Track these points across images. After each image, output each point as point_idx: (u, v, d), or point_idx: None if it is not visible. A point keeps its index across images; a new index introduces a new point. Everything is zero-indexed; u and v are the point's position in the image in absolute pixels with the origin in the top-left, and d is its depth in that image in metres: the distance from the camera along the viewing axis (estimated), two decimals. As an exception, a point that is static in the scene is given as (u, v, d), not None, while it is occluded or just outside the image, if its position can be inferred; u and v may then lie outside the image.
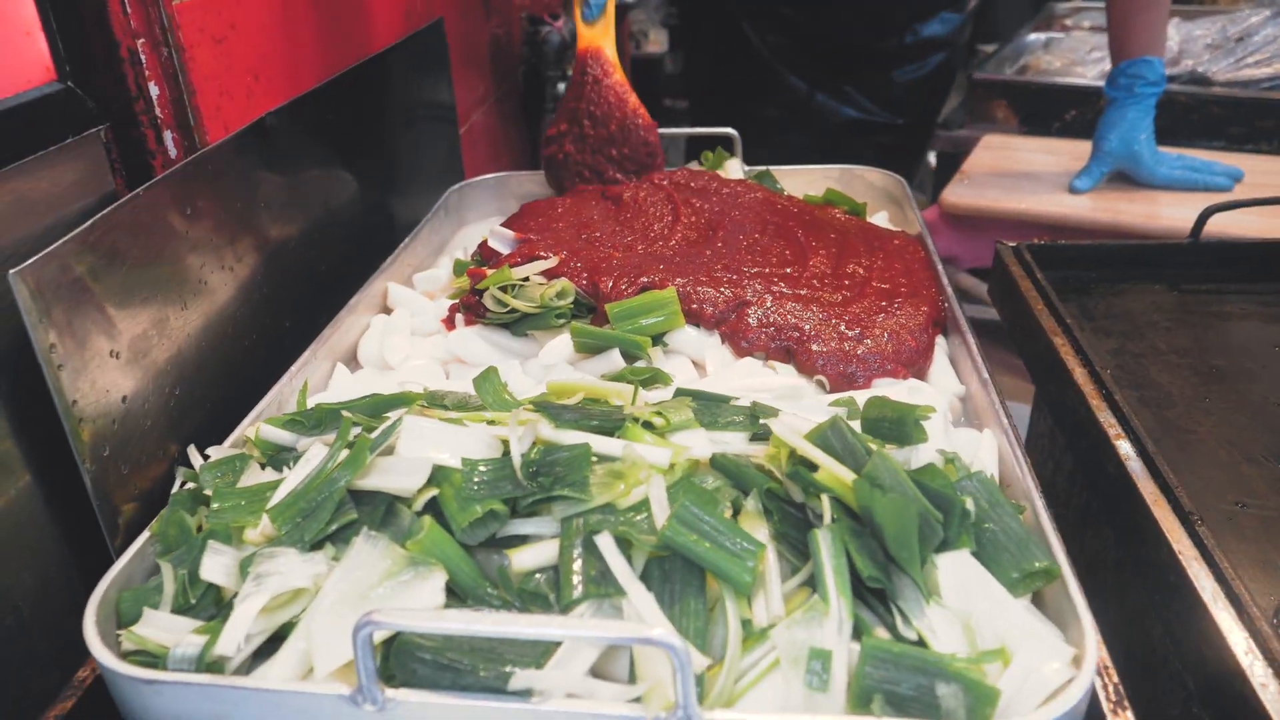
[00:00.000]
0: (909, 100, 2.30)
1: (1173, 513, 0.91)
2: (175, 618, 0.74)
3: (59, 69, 0.86)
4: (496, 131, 2.48)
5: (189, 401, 1.03)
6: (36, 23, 0.83)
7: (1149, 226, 1.80)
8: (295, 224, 1.29)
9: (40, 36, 0.83)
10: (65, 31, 0.86)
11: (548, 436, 0.81)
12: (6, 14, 0.80)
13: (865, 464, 0.75)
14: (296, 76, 1.30)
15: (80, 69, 0.89)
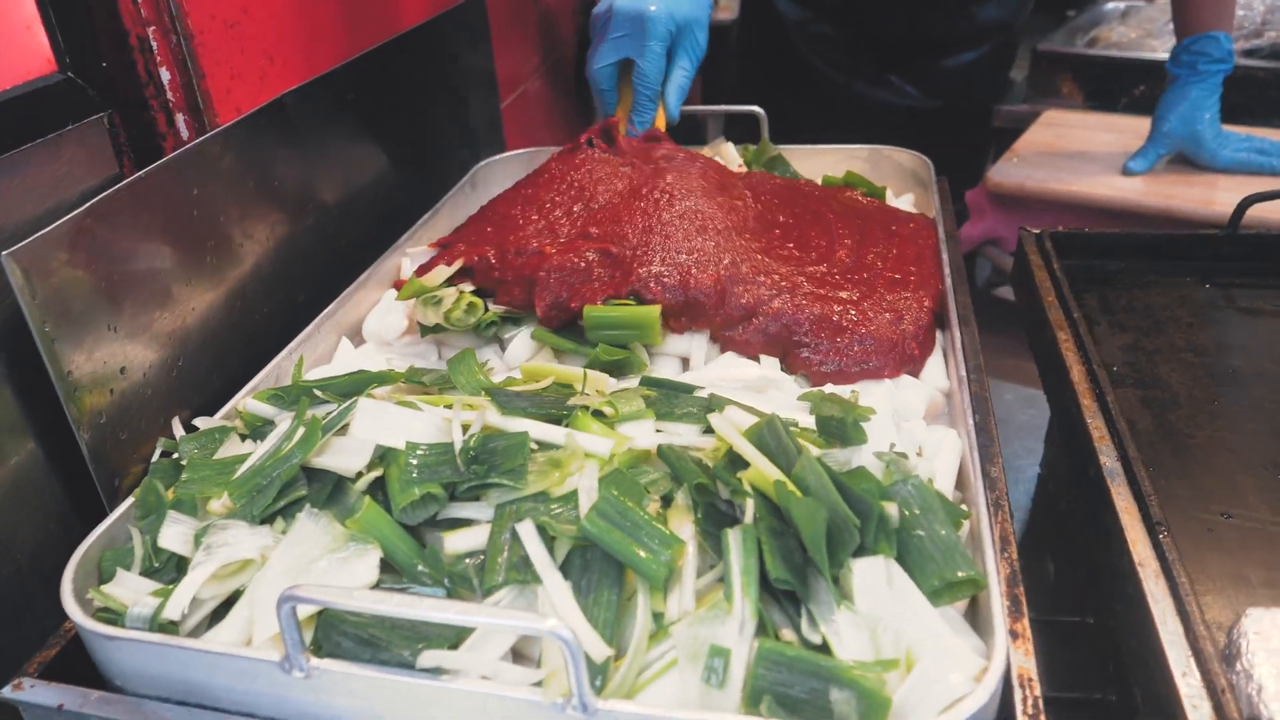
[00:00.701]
0: (960, 86, 2.22)
1: (1140, 521, 0.88)
2: (142, 580, 0.80)
3: (59, 60, 0.91)
4: (548, 101, 2.50)
5: (195, 371, 1.09)
6: (36, 18, 0.88)
7: (1200, 213, 1.71)
8: (312, 201, 1.34)
9: (40, 30, 0.89)
10: (65, 24, 0.91)
11: (494, 423, 0.84)
12: (7, 10, 0.86)
13: (797, 462, 0.75)
14: (315, 58, 1.34)
15: (81, 59, 0.94)
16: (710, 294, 1.05)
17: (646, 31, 1.43)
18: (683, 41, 1.46)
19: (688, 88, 1.50)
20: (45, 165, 0.90)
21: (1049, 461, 1.54)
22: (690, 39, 1.46)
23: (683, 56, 1.47)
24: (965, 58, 2.17)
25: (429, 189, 1.69)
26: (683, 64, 1.47)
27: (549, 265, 1.10)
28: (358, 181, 1.47)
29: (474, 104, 1.89)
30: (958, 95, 2.23)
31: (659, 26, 1.43)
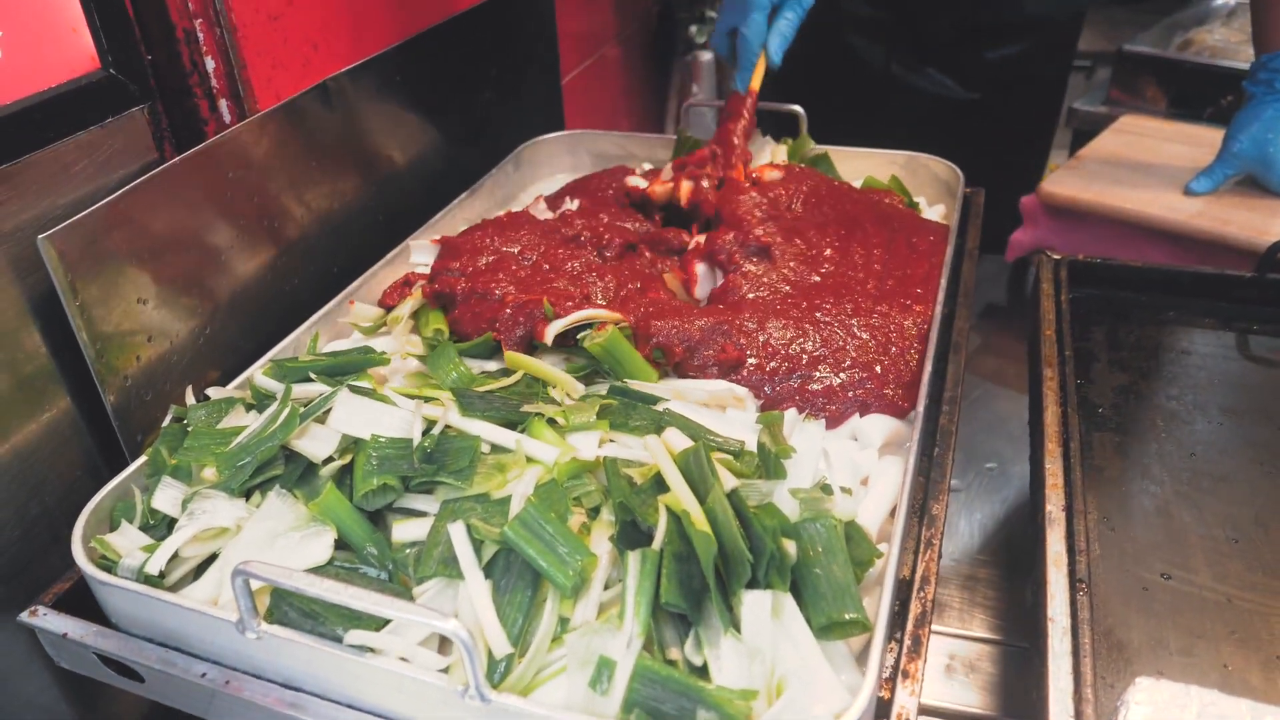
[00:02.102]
0: (1003, 79, 2.15)
1: (1066, 574, 0.90)
2: (139, 533, 0.91)
3: (102, 58, 1.01)
4: (617, 77, 2.53)
5: (223, 338, 1.21)
6: (82, 20, 0.98)
7: (1253, 242, 1.64)
8: (351, 179, 1.43)
9: (85, 32, 0.98)
10: (108, 25, 1.01)
11: (455, 423, 0.91)
12: (53, 15, 0.96)
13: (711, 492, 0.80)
14: (362, 43, 1.42)
15: (123, 55, 1.04)
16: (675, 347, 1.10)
17: (748, 3, 1.55)
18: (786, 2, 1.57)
19: (791, 35, 1.58)
20: (86, 155, 1.00)
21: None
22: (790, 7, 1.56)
23: (787, 9, 1.57)
24: (1008, 50, 2.10)
25: (477, 166, 1.76)
26: (786, 14, 1.57)
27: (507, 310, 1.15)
28: (400, 159, 1.55)
29: (531, 82, 1.95)
30: (999, 89, 2.17)
31: None
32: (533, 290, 1.18)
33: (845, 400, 1.05)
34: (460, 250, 1.30)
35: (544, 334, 1.08)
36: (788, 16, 1.57)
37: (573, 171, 1.82)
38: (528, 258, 1.31)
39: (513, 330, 1.12)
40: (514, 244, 1.34)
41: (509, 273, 1.23)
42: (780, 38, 1.57)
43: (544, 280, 1.22)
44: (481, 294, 1.18)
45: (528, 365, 1.06)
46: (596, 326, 1.09)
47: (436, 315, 1.21)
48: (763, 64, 1.58)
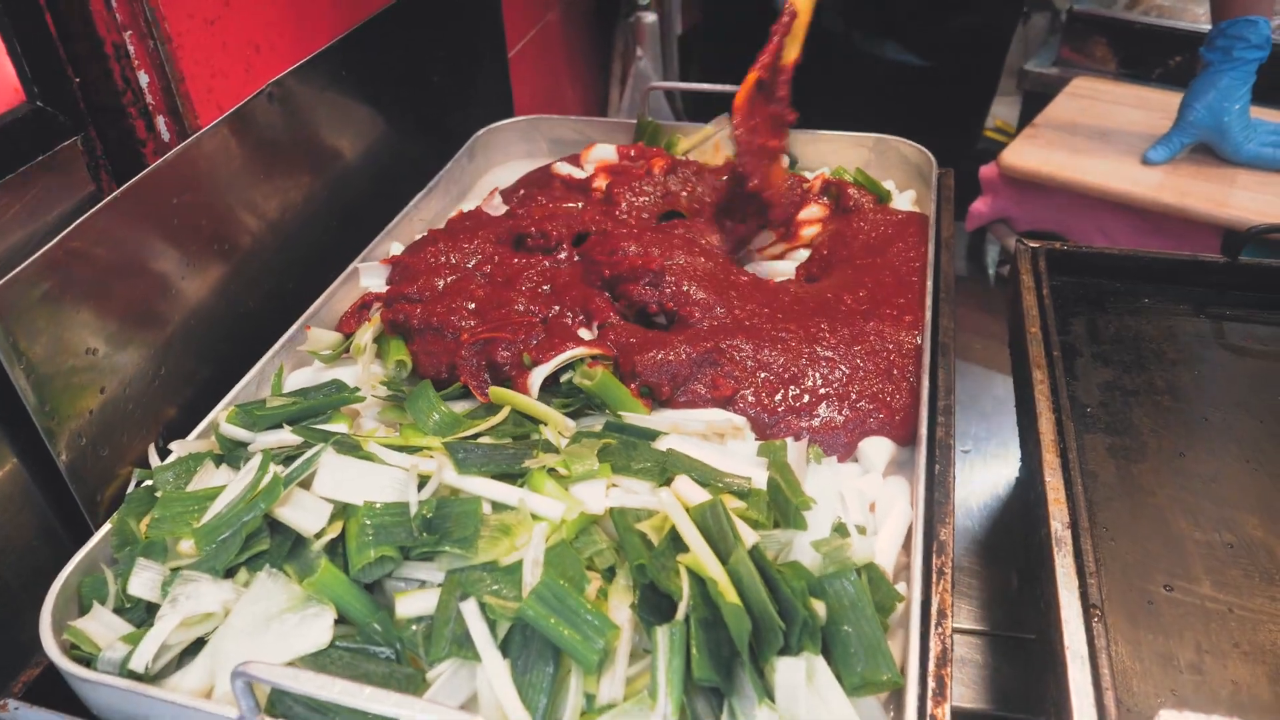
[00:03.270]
0: (961, 44, 2.13)
1: (1078, 599, 0.90)
2: (115, 618, 0.85)
3: (26, 90, 0.91)
4: (561, 45, 2.43)
5: (179, 376, 1.12)
6: (1, 48, 0.87)
7: (1215, 215, 1.66)
8: (302, 187, 1.34)
9: (5, 61, 0.88)
10: (30, 51, 0.91)
11: (450, 482, 0.86)
12: (-31, 48, 0.85)
13: (734, 552, 0.77)
14: (308, 37, 1.31)
15: (50, 83, 0.93)
16: (663, 385, 1.05)
17: None
18: None
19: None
20: (16, 199, 0.91)
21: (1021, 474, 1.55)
22: None
23: None
24: (965, 18, 2.08)
25: (432, 155, 1.67)
26: None
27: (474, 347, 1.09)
28: (352, 159, 1.46)
29: (479, 60, 1.85)
30: (953, 55, 2.16)
31: None
32: (491, 316, 1.13)
33: (850, 431, 1.02)
34: (414, 272, 1.23)
35: (527, 387, 1.02)
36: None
37: (528, 158, 1.74)
38: (483, 272, 1.25)
39: (478, 374, 1.07)
40: (468, 255, 1.28)
41: (466, 294, 1.17)
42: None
43: (502, 300, 1.16)
44: (438, 328, 1.12)
45: (515, 401, 1.01)
46: (588, 363, 1.04)
47: (398, 345, 1.15)
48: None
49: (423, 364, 1.12)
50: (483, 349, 1.08)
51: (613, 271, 1.18)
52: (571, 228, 1.34)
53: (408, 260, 1.26)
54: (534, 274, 1.25)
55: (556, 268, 1.27)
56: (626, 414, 1.01)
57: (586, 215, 1.38)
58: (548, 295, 1.21)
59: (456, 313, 1.14)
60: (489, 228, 1.36)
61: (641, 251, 1.21)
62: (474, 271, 1.25)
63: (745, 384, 1.05)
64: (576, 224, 1.35)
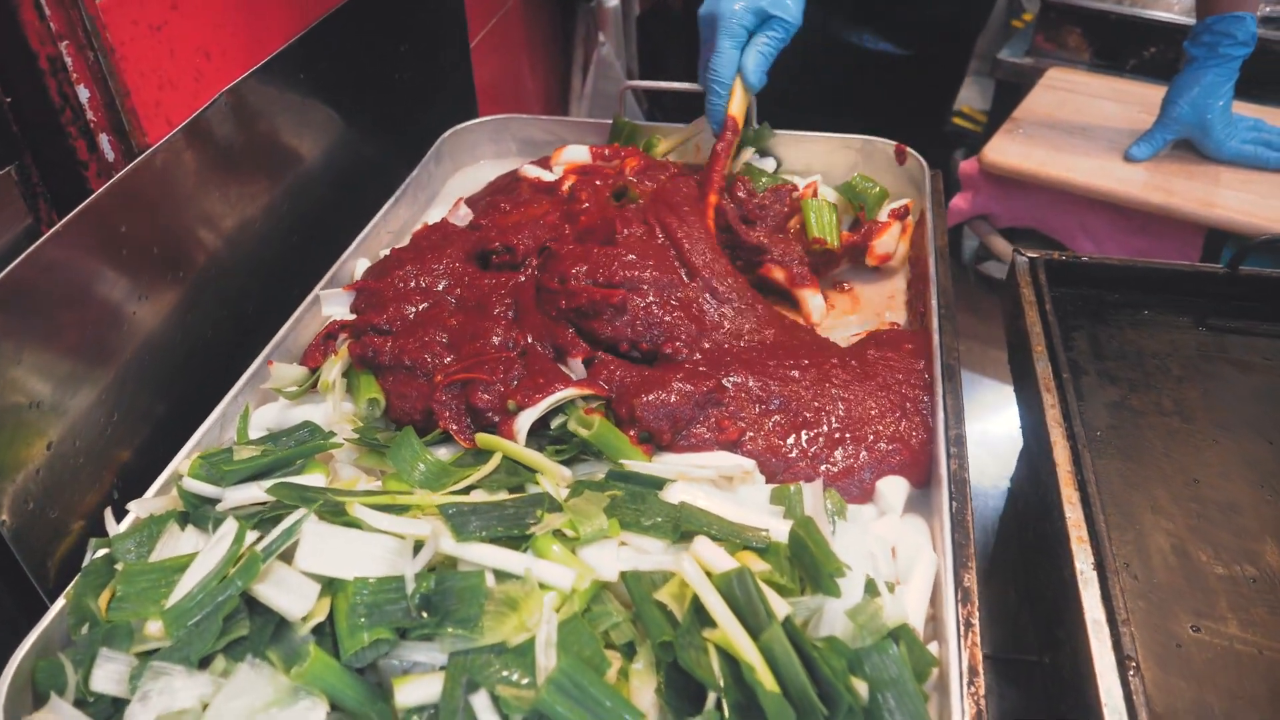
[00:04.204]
0: (937, 32, 2.09)
1: (1111, 650, 0.87)
2: (76, 713, 0.76)
3: (-48, 119, 0.80)
4: (523, 32, 2.32)
5: (133, 416, 1.03)
6: (-80, 73, 0.77)
7: (1201, 215, 1.64)
8: (260, 202, 1.23)
9: (-74, 88, 0.77)
10: (-45, 76, 0.80)
11: (449, 551, 0.79)
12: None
13: (766, 628, 0.72)
14: (259, 42, 1.20)
15: (-21, 109, 0.83)
16: (664, 432, 0.98)
17: (717, 31, 1.34)
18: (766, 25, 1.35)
19: (771, 57, 1.36)
20: (-55, 242, 0.80)
21: (1020, 479, 1.52)
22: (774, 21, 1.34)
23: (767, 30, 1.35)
24: (946, 5, 2.04)
25: (397, 157, 1.57)
26: (767, 35, 1.34)
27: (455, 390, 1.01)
28: (314, 169, 1.36)
29: (442, 52, 1.74)
30: (932, 41, 2.12)
31: (730, 24, 1.33)
32: (465, 350, 1.06)
33: (870, 474, 0.97)
34: (382, 299, 1.14)
35: (513, 433, 0.95)
36: (768, 37, 1.34)
37: (496, 159, 1.65)
38: (454, 296, 1.17)
39: (459, 418, 0.99)
40: (437, 277, 1.19)
41: (438, 324, 1.09)
42: (759, 57, 1.35)
43: (476, 331, 1.08)
44: (410, 367, 1.04)
45: (506, 450, 0.94)
46: (584, 408, 0.96)
47: (369, 381, 1.06)
48: (740, 89, 1.36)
49: (395, 408, 1.03)
50: (460, 391, 1.00)
51: (569, 304, 1.10)
52: (538, 238, 1.25)
53: (374, 286, 1.17)
54: (505, 295, 1.17)
55: (523, 284, 1.19)
56: (627, 462, 0.94)
57: (550, 220, 1.30)
58: (521, 321, 1.13)
59: (429, 348, 1.05)
60: (456, 243, 1.27)
61: (594, 274, 1.12)
62: (445, 296, 1.16)
63: (752, 425, 0.98)
64: (543, 233, 1.26)
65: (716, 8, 1.33)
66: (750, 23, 1.33)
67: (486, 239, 1.25)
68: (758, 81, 1.35)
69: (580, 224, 1.29)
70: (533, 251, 1.24)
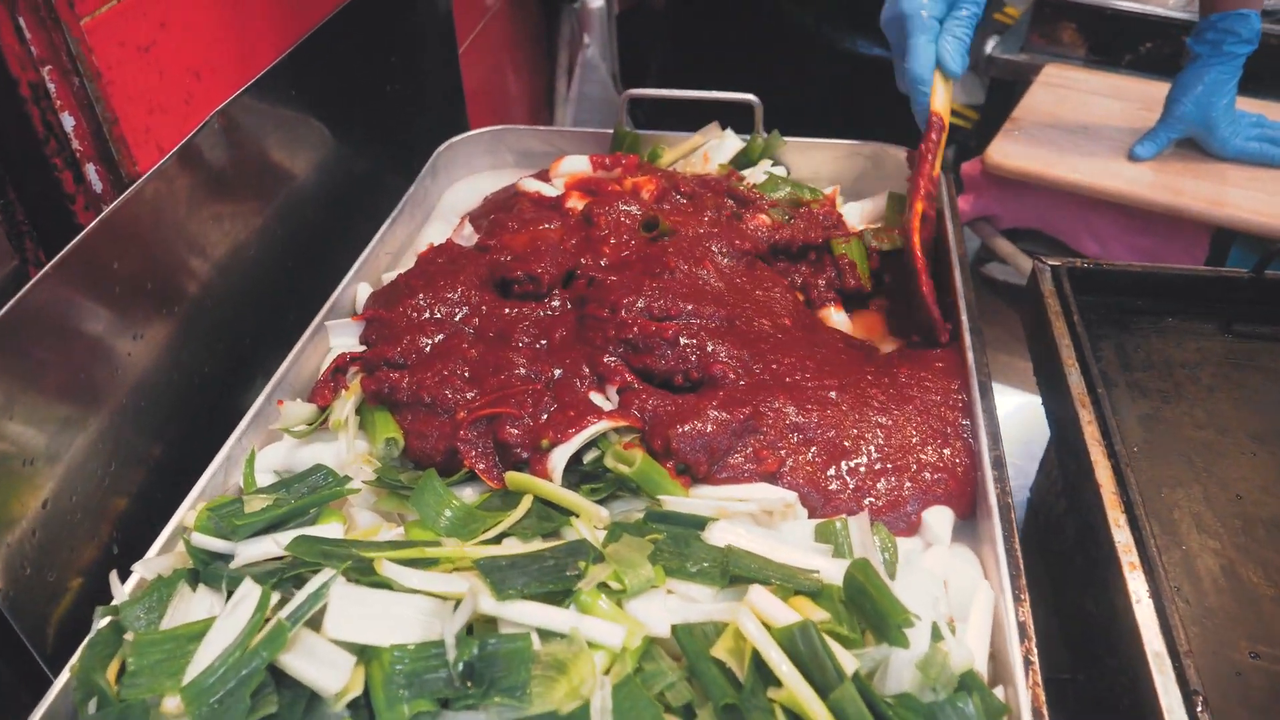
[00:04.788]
0: None
1: (1175, 682, 0.83)
2: (88, 802, 0.70)
3: (-69, 157, 0.74)
4: (509, 35, 2.26)
5: (131, 463, 0.97)
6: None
7: (1211, 214, 1.62)
8: (254, 229, 1.17)
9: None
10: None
11: (489, 611, 0.74)
12: None
13: (835, 687, 0.67)
14: (249, 59, 1.14)
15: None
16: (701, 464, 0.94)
17: (908, 30, 1.26)
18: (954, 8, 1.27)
19: (969, 37, 1.28)
20: (-73, 292, 0.74)
21: (1041, 489, 1.49)
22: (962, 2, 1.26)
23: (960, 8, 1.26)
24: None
25: (391, 171, 1.51)
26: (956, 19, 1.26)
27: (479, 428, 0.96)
28: (308, 188, 1.30)
29: (431, 61, 1.68)
30: None
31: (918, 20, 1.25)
32: (488, 383, 1.00)
33: (917, 505, 0.93)
34: (395, 330, 1.09)
35: (547, 471, 0.90)
36: (960, 19, 1.26)
37: (493, 171, 1.59)
38: (471, 326, 1.11)
39: (487, 456, 0.94)
40: (453, 307, 1.13)
41: (457, 356, 1.03)
42: (956, 43, 1.26)
43: (499, 363, 1.03)
44: (430, 404, 0.98)
45: (540, 491, 0.89)
46: (623, 442, 0.91)
47: (384, 418, 1.00)
48: (940, 82, 1.28)
49: (413, 447, 0.98)
50: (487, 427, 0.95)
51: (619, 334, 1.05)
52: (560, 265, 1.20)
53: (385, 316, 1.11)
54: (529, 326, 1.11)
55: (550, 316, 1.14)
56: (666, 499, 0.89)
57: (568, 246, 1.24)
58: (548, 352, 1.08)
59: (449, 382, 1.00)
60: (468, 268, 1.20)
61: (647, 307, 1.07)
62: (461, 326, 1.11)
63: (791, 454, 0.94)
64: (565, 260, 1.21)
65: (901, 7, 1.26)
66: (940, 11, 1.27)
67: (504, 266, 1.19)
68: (961, 67, 1.28)
69: (609, 254, 1.22)
70: (558, 281, 1.18)
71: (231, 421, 1.00)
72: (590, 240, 1.25)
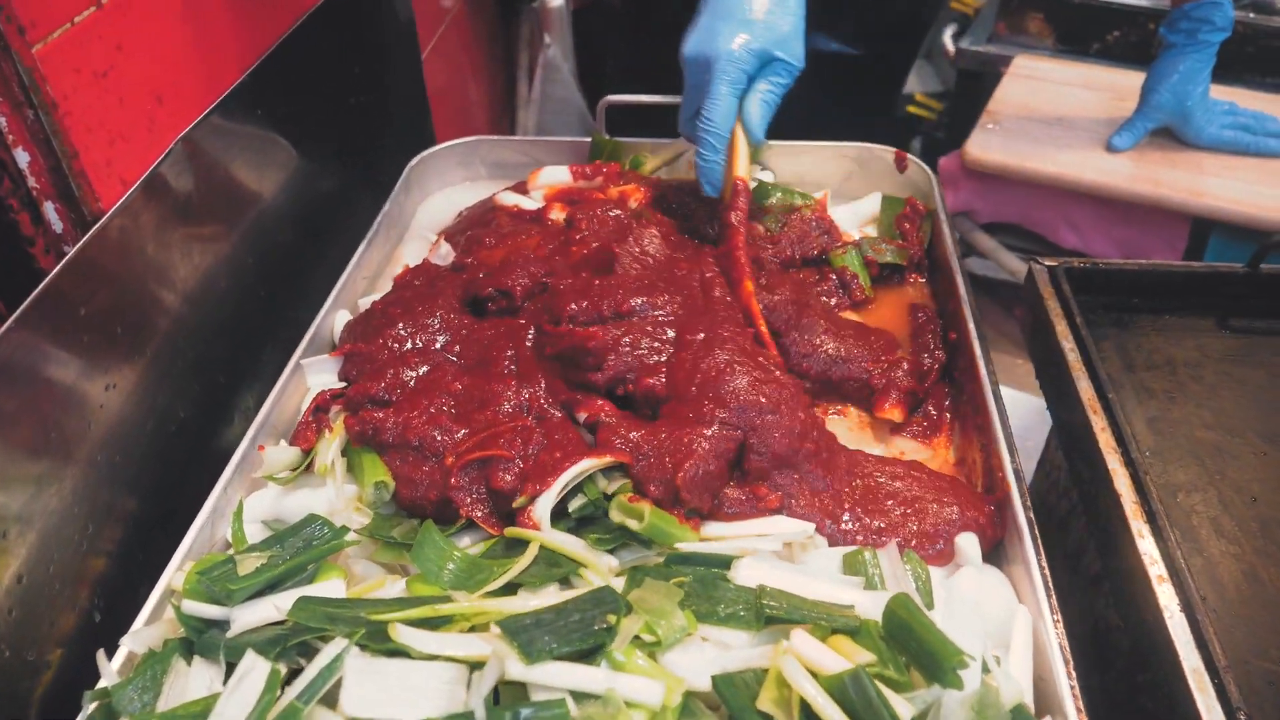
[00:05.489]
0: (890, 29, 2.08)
1: (1218, 701, 0.81)
2: None
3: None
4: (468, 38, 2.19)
5: (109, 522, 0.90)
6: None
7: (1191, 205, 1.62)
8: (223, 258, 1.10)
9: None
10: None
11: (519, 677, 0.69)
12: None
13: (890, 738, 0.64)
14: (214, 77, 1.07)
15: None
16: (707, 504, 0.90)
17: (713, 76, 1.15)
18: (769, 68, 1.17)
19: (775, 104, 1.19)
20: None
21: (1041, 488, 1.48)
22: (778, 65, 1.17)
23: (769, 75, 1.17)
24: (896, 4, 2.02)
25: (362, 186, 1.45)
26: (768, 80, 1.17)
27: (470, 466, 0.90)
28: (277, 211, 1.23)
29: (395, 69, 1.61)
30: (883, 38, 2.10)
31: (729, 68, 1.14)
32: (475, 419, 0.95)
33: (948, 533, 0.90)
34: (376, 364, 1.02)
35: (536, 521, 0.85)
36: (771, 83, 1.17)
37: (468, 184, 1.53)
38: (453, 354, 1.06)
39: (481, 502, 0.89)
40: (433, 334, 1.07)
41: (441, 389, 0.98)
42: (764, 106, 1.17)
43: (485, 396, 0.97)
44: (417, 446, 0.92)
45: (544, 543, 0.83)
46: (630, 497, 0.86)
47: (372, 460, 0.94)
48: (742, 143, 1.18)
49: (404, 495, 0.92)
50: (479, 472, 0.89)
51: (554, 349, 1.00)
52: (533, 275, 1.13)
53: (365, 350, 1.04)
54: (508, 347, 1.06)
55: (523, 332, 1.08)
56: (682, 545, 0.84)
57: (542, 253, 1.19)
58: (526, 375, 1.02)
59: (436, 421, 0.93)
60: (446, 290, 1.14)
61: (595, 310, 1.02)
62: (444, 354, 1.05)
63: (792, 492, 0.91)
64: (537, 269, 1.14)
65: (710, 48, 1.14)
66: (752, 67, 1.15)
67: (476, 284, 1.14)
68: (762, 135, 1.18)
69: (574, 253, 1.18)
70: (530, 292, 1.13)
71: (211, 466, 0.94)
72: (566, 245, 1.20)
